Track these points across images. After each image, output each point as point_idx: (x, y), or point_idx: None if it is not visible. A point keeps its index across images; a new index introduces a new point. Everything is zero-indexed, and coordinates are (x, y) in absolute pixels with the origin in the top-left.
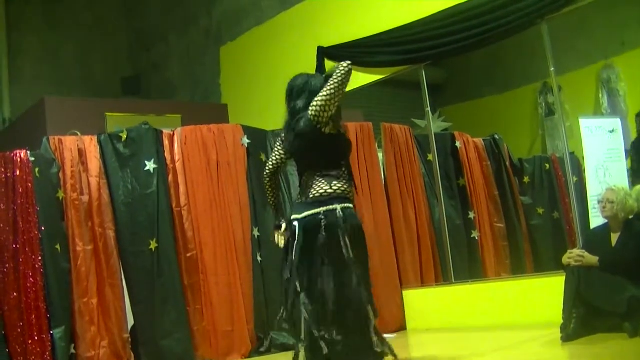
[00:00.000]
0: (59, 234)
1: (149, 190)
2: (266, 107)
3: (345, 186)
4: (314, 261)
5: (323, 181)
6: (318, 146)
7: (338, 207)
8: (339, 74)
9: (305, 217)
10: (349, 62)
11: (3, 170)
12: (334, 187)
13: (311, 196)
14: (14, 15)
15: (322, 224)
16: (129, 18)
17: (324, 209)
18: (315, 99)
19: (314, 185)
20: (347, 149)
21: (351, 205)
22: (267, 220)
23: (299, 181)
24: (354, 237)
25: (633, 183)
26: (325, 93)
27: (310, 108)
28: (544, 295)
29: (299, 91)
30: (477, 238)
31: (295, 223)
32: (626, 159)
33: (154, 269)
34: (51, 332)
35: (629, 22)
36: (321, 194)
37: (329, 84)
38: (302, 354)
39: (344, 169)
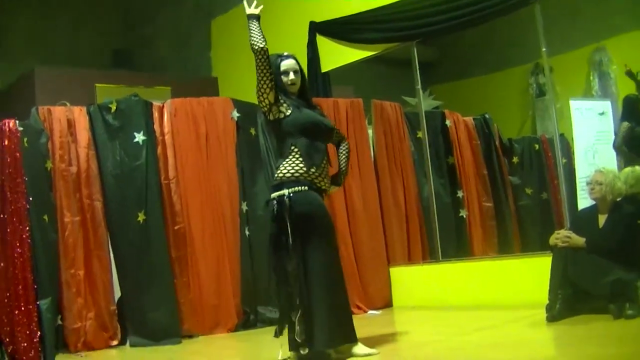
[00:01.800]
0: (47, 204)
1: (138, 162)
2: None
3: (296, 168)
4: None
5: (279, 165)
6: (270, 132)
7: (286, 192)
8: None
9: (270, 200)
10: (258, 46)
11: None
12: (284, 171)
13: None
14: None
15: (274, 211)
16: None
17: (276, 194)
18: None
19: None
20: (302, 127)
21: (301, 188)
22: (255, 195)
23: None
24: (301, 224)
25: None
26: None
27: None
28: (530, 275)
29: None
30: (465, 217)
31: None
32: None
33: (142, 242)
34: (37, 303)
35: (621, 5)
36: (275, 178)
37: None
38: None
39: (295, 150)
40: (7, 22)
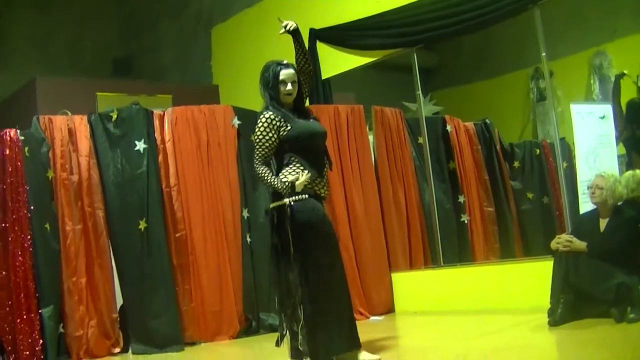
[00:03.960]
0: (48, 213)
1: (139, 171)
2: (257, 88)
3: (297, 176)
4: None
5: (278, 174)
6: None
7: (287, 200)
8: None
9: (270, 209)
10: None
11: None
12: (284, 180)
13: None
14: None
15: (275, 220)
16: (120, 0)
17: (277, 203)
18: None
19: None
20: (300, 140)
21: (302, 197)
22: (257, 202)
23: None
24: (302, 233)
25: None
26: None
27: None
28: (533, 279)
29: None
30: (466, 222)
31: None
32: (616, 145)
33: (143, 249)
34: (40, 311)
35: (620, 8)
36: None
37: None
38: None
39: (295, 160)
40: (8, 31)
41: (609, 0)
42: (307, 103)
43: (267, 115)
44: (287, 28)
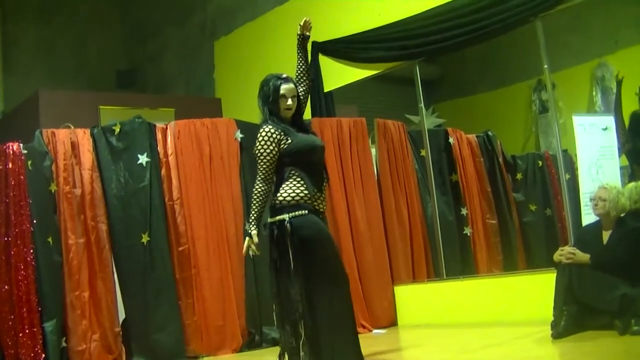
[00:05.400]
0: (51, 227)
1: (142, 184)
2: None
3: (297, 191)
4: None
5: (277, 188)
6: None
7: (287, 216)
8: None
9: (268, 224)
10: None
11: None
12: (284, 195)
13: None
14: (9, 5)
15: (275, 235)
16: (124, 11)
17: (277, 218)
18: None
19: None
20: (300, 151)
21: (302, 212)
22: None
23: None
24: (303, 249)
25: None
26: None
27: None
28: (536, 292)
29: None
30: (469, 234)
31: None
32: (619, 157)
33: (146, 263)
34: (42, 325)
35: (622, 20)
36: (274, 201)
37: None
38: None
39: (295, 174)
40: (12, 40)
41: (611, 11)
42: (309, 116)
43: (267, 129)
44: (307, 30)
